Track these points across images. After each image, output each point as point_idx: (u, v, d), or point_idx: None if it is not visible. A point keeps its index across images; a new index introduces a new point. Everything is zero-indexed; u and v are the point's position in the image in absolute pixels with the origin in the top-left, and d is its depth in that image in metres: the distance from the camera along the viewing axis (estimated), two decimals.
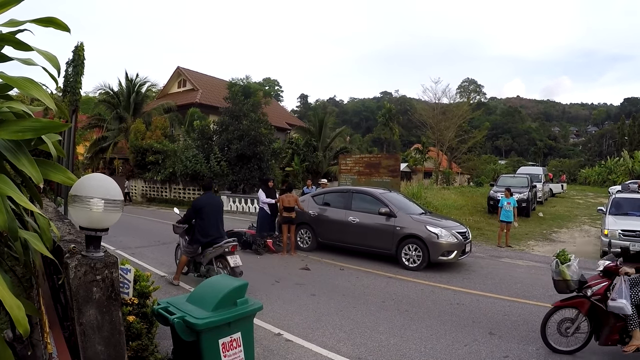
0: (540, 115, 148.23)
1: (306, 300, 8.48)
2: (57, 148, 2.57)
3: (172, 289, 8.85)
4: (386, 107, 70.68)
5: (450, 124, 48.01)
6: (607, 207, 14.59)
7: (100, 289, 2.86)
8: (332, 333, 6.71)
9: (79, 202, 2.78)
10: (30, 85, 2.17)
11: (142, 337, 4.52)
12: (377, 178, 20.19)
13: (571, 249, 14.58)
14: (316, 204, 13.55)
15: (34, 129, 2.14)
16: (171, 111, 36.20)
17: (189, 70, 43.44)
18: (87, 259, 2.86)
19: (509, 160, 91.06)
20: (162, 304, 4.50)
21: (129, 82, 36.28)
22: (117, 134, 35.13)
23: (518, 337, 6.66)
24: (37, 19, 2.34)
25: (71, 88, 18.55)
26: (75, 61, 18.46)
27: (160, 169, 30.21)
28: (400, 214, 11.81)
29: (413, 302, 8.52)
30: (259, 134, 28.10)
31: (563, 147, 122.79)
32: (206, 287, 4.60)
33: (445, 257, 11.02)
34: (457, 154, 56.29)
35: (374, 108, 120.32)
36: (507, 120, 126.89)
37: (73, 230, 4.45)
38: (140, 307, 4.77)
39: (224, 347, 4.23)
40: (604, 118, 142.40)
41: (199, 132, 29.82)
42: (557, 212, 25.56)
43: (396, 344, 6.33)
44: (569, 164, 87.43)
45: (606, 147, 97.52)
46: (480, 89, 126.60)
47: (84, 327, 2.79)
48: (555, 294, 6.25)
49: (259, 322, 6.77)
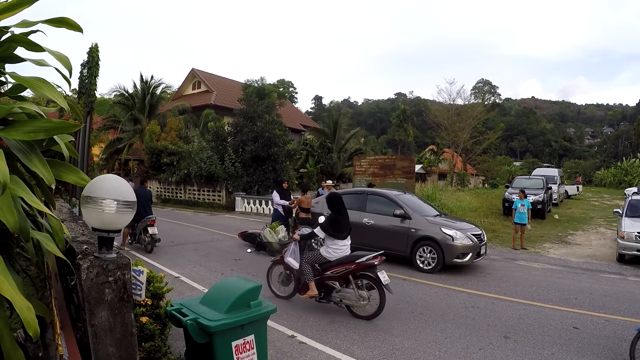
0: (555, 116, 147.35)
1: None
2: (69, 149, 2.56)
3: (186, 290, 8.86)
4: (400, 109, 70.65)
5: (464, 125, 47.82)
6: (624, 209, 14.41)
7: (113, 291, 2.85)
8: (345, 335, 6.67)
9: (92, 203, 2.77)
10: (43, 85, 2.16)
11: (155, 338, 4.52)
12: (391, 179, 20.11)
13: (587, 252, 14.50)
14: None
15: (45, 129, 2.13)
16: (186, 113, 36.36)
17: (203, 72, 43.63)
18: (99, 261, 2.85)
19: (524, 161, 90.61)
20: (175, 305, 4.49)
21: (144, 84, 36.45)
22: (132, 135, 35.32)
23: (533, 341, 6.57)
24: (49, 19, 2.34)
25: (86, 90, 18.60)
26: (90, 63, 18.49)
27: (175, 170, 30.32)
28: (415, 215, 11.74)
29: (427, 304, 8.46)
30: (273, 135, 28.11)
31: (578, 149, 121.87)
32: (220, 289, 4.58)
33: (460, 259, 10.93)
34: (471, 156, 55.99)
35: (389, 109, 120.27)
36: (521, 121, 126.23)
37: (87, 232, 4.46)
38: (154, 308, 4.76)
39: (237, 349, 4.21)
40: (619, 119, 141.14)
41: (213, 133, 29.92)
42: (573, 214, 25.29)
43: (410, 346, 6.28)
44: (585, 166, 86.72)
45: (622, 149, 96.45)
46: (494, 90, 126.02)
47: (95, 328, 2.78)
48: (572, 297, 6.12)
49: (272, 324, 6.76)
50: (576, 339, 6.71)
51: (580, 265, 12.70)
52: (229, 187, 28.43)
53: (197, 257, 12.25)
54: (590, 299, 9.03)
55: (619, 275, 11.43)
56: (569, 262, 13.12)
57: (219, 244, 14.66)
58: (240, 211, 26.47)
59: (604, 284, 10.43)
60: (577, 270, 12.03)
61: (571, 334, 6.95)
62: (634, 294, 9.49)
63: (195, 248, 13.61)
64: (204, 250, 13.41)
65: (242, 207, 26.53)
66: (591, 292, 9.61)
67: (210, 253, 12.99)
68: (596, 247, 15.66)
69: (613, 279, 11.09)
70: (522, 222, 14.72)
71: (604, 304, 8.69)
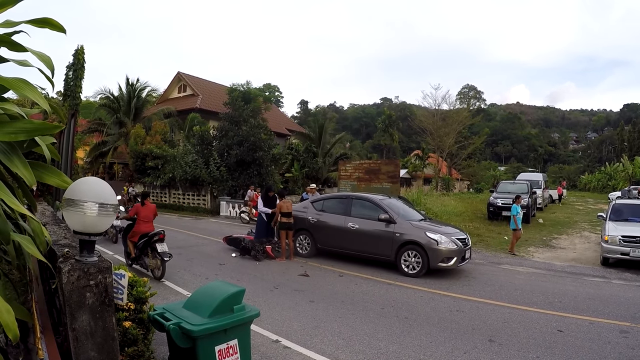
0: (540, 122, 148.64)
1: (305, 306, 8.43)
2: (51, 151, 2.54)
3: (170, 294, 8.81)
4: (386, 114, 70.96)
5: (450, 130, 48.03)
6: (607, 213, 14.58)
7: (94, 294, 2.82)
8: (330, 340, 6.66)
9: (73, 206, 2.74)
10: (24, 85, 2.14)
11: (138, 343, 4.48)
12: (376, 184, 20.15)
13: (571, 255, 14.63)
14: (315, 209, 13.51)
15: (26, 130, 2.11)
16: (171, 116, 36.19)
17: (189, 76, 43.46)
18: (80, 264, 2.82)
19: (508, 166, 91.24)
20: (158, 309, 4.45)
21: (130, 86, 36.27)
22: (117, 138, 35.08)
23: (518, 345, 6.60)
24: (32, 19, 2.32)
25: (71, 92, 18.46)
26: (76, 65, 18.38)
27: (159, 174, 30.13)
28: (400, 220, 11.77)
29: (412, 309, 8.47)
30: (258, 139, 28.08)
31: (563, 154, 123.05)
32: (203, 294, 4.55)
33: (444, 263, 10.97)
34: (456, 160, 56.27)
35: (374, 114, 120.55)
36: (506, 126, 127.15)
37: (69, 235, 4.42)
38: (137, 313, 4.72)
39: (220, 354, 4.18)
40: (603, 124, 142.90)
41: (198, 137, 29.80)
42: (557, 218, 25.50)
43: (395, 351, 6.28)
44: (569, 170, 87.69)
45: (606, 153, 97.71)
46: (479, 95, 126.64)
47: (76, 332, 2.75)
48: (556, 300, 6.15)
49: (257, 329, 6.73)
50: (561, 341, 6.75)
51: (564, 268, 12.80)
52: (214, 191, 28.33)
53: (181, 262, 12.17)
54: (575, 302, 9.10)
55: (603, 279, 11.53)
56: (553, 265, 13.23)
57: (203, 249, 14.60)
58: (225, 215, 26.37)
59: (588, 287, 10.52)
60: (562, 273, 12.13)
61: (556, 336, 6.99)
62: (618, 296, 9.59)
63: (180, 252, 13.52)
64: (189, 254, 13.34)
65: (227, 212, 26.44)
66: (575, 295, 9.68)
67: (195, 257, 12.93)
68: (580, 251, 15.80)
69: (597, 282, 11.19)
70: (519, 228, 14.75)
71: (589, 306, 8.76)
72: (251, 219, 21.14)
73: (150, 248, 10.32)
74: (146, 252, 10.48)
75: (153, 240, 10.18)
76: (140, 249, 10.55)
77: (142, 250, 10.50)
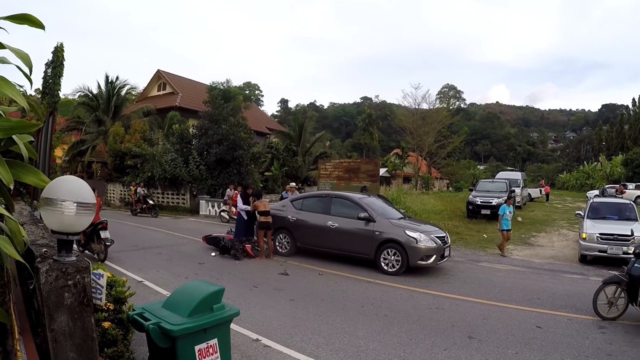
0: (519, 121, 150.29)
1: (285, 305, 8.42)
2: (28, 149, 2.51)
3: (149, 294, 8.75)
4: (366, 113, 71.21)
5: (429, 129, 48.34)
6: (585, 212, 14.80)
7: (72, 295, 2.79)
8: (310, 338, 6.67)
9: (51, 205, 2.71)
10: (2, 83, 2.12)
11: (117, 344, 4.44)
12: (356, 183, 20.24)
13: (550, 253, 14.81)
14: (295, 208, 13.49)
15: (4, 128, 2.09)
16: (151, 114, 35.79)
17: (169, 74, 43.05)
18: (58, 264, 2.79)
19: (488, 165, 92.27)
20: (138, 309, 4.42)
21: (109, 84, 35.79)
22: (95, 137, 34.66)
23: (497, 341, 6.68)
24: (10, 15, 2.29)
25: (50, 90, 18.22)
26: (55, 62, 18.14)
27: (138, 173, 29.80)
28: (379, 218, 11.81)
29: (392, 306, 8.51)
30: (238, 138, 27.92)
31: (542, 153, 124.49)
32: (182, 293, 4.53)
33: (424, 261, 11.03)
34: (436, 159, 56.70)
35: (354, 113, 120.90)
36: (486, 126, 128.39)
37: (47, 235, 4.37)
38: (116, 313, 4.68)
39: (200, 353, 4.16)
40: (582, 124, 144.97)
41: (178, 135, 29.56)
42: (536, 216, 25.76)
43: (375, 348, 6.31)
44: (548, 169, 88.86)
45: (584, 153, 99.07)
46: (459, 95, 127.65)
47: (55, 333, 2.72)
48: (535, 297, 6.24)
49: (237, 328, 6.71)
50: (539, 337, 6.85)
51: (543, 266, 12.97)
52: (193, 190, 28.15)
53: (160, 261, 12.10)
54: (553, 298, 9.22)
55: (581, 276, 11.70)
56: (532, 263, 13.39)
57: (183, 248, 14.51)
58: (204, 214, 26.21)
59: (567, 284, 10.67)
60: (540, 271, 12.28)
61: (534, 333, 7.09)
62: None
63: (159, 252, 13.44)
64: (168, 254, 13.25)
65: (206, 211, 26.28)
66: (554, 292, 9.81)
67: (174, 257, 12.85)
68: (559, 249, 16.01)
69: (575, 279, 11.36)
70: (508, 228, 14.87)
71: (567, 303, 8.88)
72: (231, 217, 21.10)
73: (95, 235, 11.82)
74: (93, 238, 11.95)
75: (98, 228, 11.68)
76: (88, 236, 11.99)
77: (90, 237, 11.98)
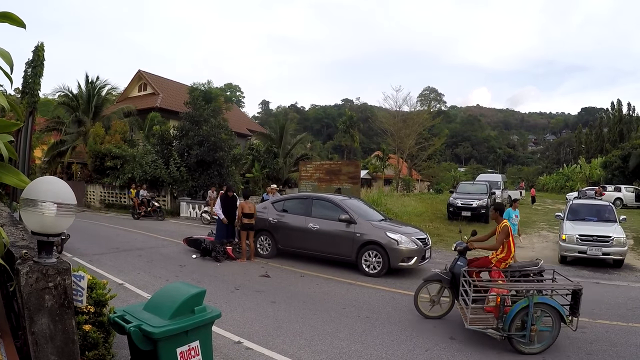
0: (500, 124, 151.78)
1: (266, 307, 8.41)
2: (8, 149, 2.49)
3: (130, 297, 8.68)
4: (347, 115, 71.17)
5: (410, 132, 48.50)
6: (565, 213, 15.00)
7: (53, 297, 2.77)
8: (292, 340, 6.67)
9: (31, 206, 2.69)
10: None
11: (99, 347, 4.40)
12: (337, 185, 20.25)
13: (530, 254, 14.94)
14: (276, 210, 13.48)
15: None
16: (131, 115, 35.45)
17: (149, 74, 42.74)
18: (39, 265, 2.77)
19: (468, 167, 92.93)
20: (119, 312, 4.38)
21: (90, 84, 35.33)
22: (75, 137, 34.23)
23: (478, 342, 6.73)
24: None
25: (30, 89, 17.98)
26: (35, 62, 17.89)
27: (119, 174, 29.53)
28: (360, 220, 11.85)
29: (374, 308, 8.55)
30: (219, 139, 27.86)
31: (522, 155, 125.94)
32: (163, 295, 4.50)
33: (405, 263, 11.09)
34: (417, 162, 57.00)
35: (335, 115, 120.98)
36: (466, 128, 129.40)
37: (27, 236, 4.32)
38: (97, 316, 4.63)
39: (182, 355, 4.14)
40: (561, 127, 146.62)
41: (158, 137, 29.37)
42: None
43: (357, 350, 6.33)
44: (528, 172, 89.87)
45: (564, 155, 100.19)
46: (440, 98, 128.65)
47: (36, 336, 2.70)
48: None
49: (219, 330, 6.69)
50: None
51: None
52: (174, 192, 28.00)
53: (141, 264, 12.02)
54: None
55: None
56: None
57: (163, 250, 14.42)
58: (185, 216, 26.07)
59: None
60: None
61: None
62: None
63: (140, 254, 13.34)
64: (149, 256, 13.16)
65: (187, 212, 26.14)
66: None
67: (155, 259, 12.76)
68: (539, 250, 16.18)
69: None
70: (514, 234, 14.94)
71: None
72: (212, 219, 21.04)
73: None
74: None
75: None
76: None
77: None
